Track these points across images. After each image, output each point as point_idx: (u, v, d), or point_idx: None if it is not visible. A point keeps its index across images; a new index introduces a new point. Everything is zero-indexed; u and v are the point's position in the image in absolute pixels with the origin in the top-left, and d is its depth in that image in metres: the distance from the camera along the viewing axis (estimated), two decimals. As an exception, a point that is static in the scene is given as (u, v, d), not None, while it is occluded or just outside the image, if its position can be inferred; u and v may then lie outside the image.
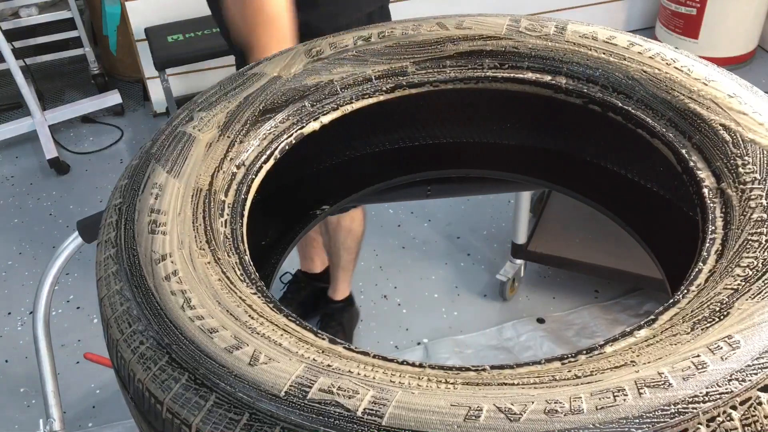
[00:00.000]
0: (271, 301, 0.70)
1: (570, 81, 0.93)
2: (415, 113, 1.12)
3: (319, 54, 0.98)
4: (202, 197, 0.79)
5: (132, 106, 3.42)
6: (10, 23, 3.23)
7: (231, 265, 0.73)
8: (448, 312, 2.37)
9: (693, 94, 0.86)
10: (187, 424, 0.60)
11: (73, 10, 3.26)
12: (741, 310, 0.63)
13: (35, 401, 2.16)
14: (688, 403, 0.56)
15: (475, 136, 1.17)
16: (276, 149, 0.90)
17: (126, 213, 0.78)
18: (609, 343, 0.63)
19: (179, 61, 2.81)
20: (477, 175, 1.27)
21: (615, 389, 0.57)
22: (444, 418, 0.56)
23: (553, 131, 1.11)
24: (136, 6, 2.99)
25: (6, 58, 2.92)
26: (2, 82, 3.46)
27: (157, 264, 0.71)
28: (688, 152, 0.83)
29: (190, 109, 0.91)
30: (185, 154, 0.84)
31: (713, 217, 0.76)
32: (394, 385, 0.59)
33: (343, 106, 0.96)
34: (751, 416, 0.57)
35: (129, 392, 0.67)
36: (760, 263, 0.68)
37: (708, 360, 0.59)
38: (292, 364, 0.61)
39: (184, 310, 0.67)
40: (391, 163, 1.18)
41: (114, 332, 0.69)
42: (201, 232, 0.75)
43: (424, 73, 0.98)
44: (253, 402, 0.59)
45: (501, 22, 0.99)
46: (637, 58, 0.91)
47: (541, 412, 0.56)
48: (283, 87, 0.93)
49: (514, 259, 2.35)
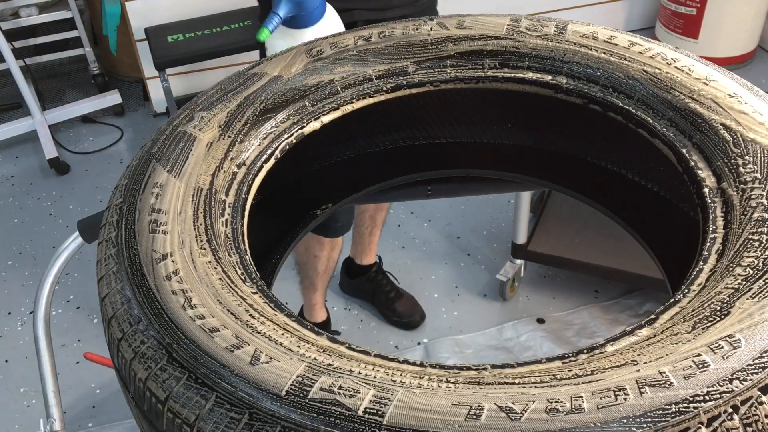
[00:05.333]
0: (272, 300, 0.70)
1: (570, 81, 0.93)
2: (415, 113, 1.12)
3: (320, 54, 0.98)
4: (203, 197, 0.79)
5: (132, 106, 3.42)
6: (10, 23, 3.22)
7: (232, 265, 0.73)
8: (448, 312, 2.37)
9: (693, 94, 0.86)
10: (188, 423, 0.60)
11: (73, 10, 3.26)
12: (742, 309, 0.63)
13: (35, 401, 2.16)
14: (689, 402, 0.56)
15: (475, 136, 1.17)
16: (277, 149, 0.90)
17: (127, 212, 0.78)
18: (610, 342, 0.64)
19: (179, 61, 2.81)
20: (477, 175, 1.27)
21: (616, 388, 0.57)
22: (445, 418, 0.56)
23: (553, 131, 1.11)
24: (136, 6, 2.99)
25: (6, 58, 2.92)
26: (2, 82, 3.46)
27: (157, 263, 0.71)
28: (689, 152, 0.83)
29: (190, 108, 0.91)
30: (186, 153, 0.84)
31: (714, 217, 0.76)
32: (395, 384, 0.59)
33: (344, 106, 0.96)
34: (752, 415, 0.57)
35: (130, 392, 0.67)
36: (760, 263, 0.68)
37: (709, 359, 0.59)
38: (293, 364, 0.61)
39: (184, 310, 0.67)
40: (391, 163, 1.18)
41: (115, 332, 0.69)
42: (202, 232, 0.75)
43: (424, 73, 0.98)
44: (254, 401, 0.59)
45: (501, 22, 0.99)
46: (638, 58, 0.91)
47: (543, 411, 0.56)
48: (284, 87, 0.93)
49: (514, 259, 2.36)
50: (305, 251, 2.03)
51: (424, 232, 2.66)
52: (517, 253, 2.33)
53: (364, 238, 2.25)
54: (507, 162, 1.18)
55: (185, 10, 2.96)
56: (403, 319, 2.34)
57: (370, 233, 2.23)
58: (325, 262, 2.05)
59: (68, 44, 3.47)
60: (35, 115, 3.08)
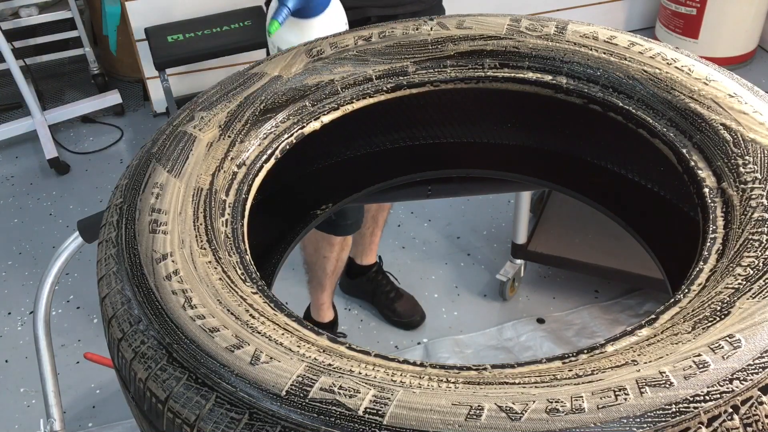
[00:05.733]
0: (272, 300, 0.70)
1: (570, 81, 0.93)
2: (415, 113, 1.12)
3: (320, 54, 0.98)
4: (203, 197, 0.79)
5: (132, 106, 3.42)
6: (10, 23, 3.22)
7: (232, 265, 0.73)
8: (448, 312, 2.38)
9: (694, 94, 0.86)
10: (188, 423, 0.60)
11: (73, 10, 3.26)
12: (742, 309, 0.63)
13: (35, 401, 2.16)
14: (690, 402, 0.56)
15: (475, 136, 1.17)
16: (277, 149, 0.90)
17: (127, 212, 0.78)
18: (610, 342, 0.63)
19: (179, 61, 2.80)
20: (477, 175, 1.27)
21: (616, 388, 0.57)
22: (445, 418, 0.56)
23: (553, 131, 1.11)
24: (136, 6, 2.99)
25: (6, 58, 2.92)
26: (2, 82, 3.46)
27: (158, 263, 0.71)
28: (689, 152, 0.83)
29: (190, 108, 0.91)
30: (186, 153, 0.84)
31: (714, 217, 0.76)
32: (395, 384, 0.59)
33: (344, 106, 0.96)
34: (752, 415, 0.57)
35: (130, 392, 0.67)
36: (761, 262, 0.68)
37: (709, 359, 0.59)
38: (293, 364, 0.61)
39: (185, 310, 0.67)
40: (391, 163, 1.18)
41: (115, 332, 0.69)
42: (202, 232, 0.75)
43: (424, 73, 0.98)
44: (254, 401, 0.59)
45: (501, 21, 0.99)
46: (638, 58, 0.91)
47: (543, 411, 0.56)
48: (284, 86, 0.93)
49: (514, 259, 2.36)
50: (314, 252, 2.03)
51: (424, 232, 2.66)
52: (517, 253, 2.33)
53: (365, 238, 2.25)
54: (507, 162, 1.18)
55: (185, 10, 2.95)
56: (403, 319, 2.34)
57: (371, 233, 2.23)
58: (334, 262, 2.05)
59: (68, 44, 3.47)
60: (35, 115, 3.08)
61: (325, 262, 2.04)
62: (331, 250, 2.01)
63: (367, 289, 2.38)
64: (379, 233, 2.25)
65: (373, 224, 2.20)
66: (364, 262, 2.34)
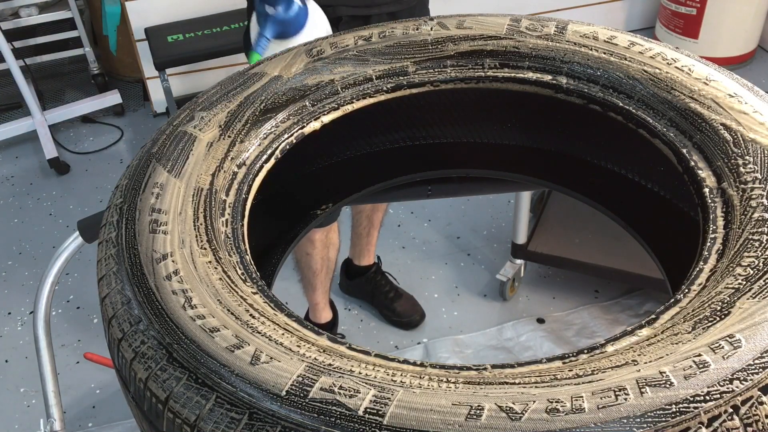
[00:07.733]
0: (272, 300, 0.70)
1: (571, 81, 0.93)
2: (415, 113, 1.12)
3: (320, 54, 0.98)
4: (203, 197, 0.79)
5: (132, 106, 3.41)
6: (10, 23, 3.22)
7: (232, 265, 0.73)
8: (448, 312, 2.37)
9: (694, 94, 0.86)
10: (188, 423, 0.60)
11: (73, 10, 3.26)
12: (742, 309, 0.63)
13: (35, 401, 2.16)
14: (690, 402, 0.56)
15: (475, 136, 1.17)
16: (277, 149, 0.90)
17: (127, 212, 0.78)
18: (610, 342, 0.64)
19: (179, 61, 2.80)
20: (477, 175, 1.27)
21: (616, 388, 0.57)
22: (445, 417, 0.56)
23: (553, 131, 1.11)
24: (136, 6, 2.99)
25: (6, 58, 2.92)
26: (2, 82, 3.46)
27: (158, 263, 0.71)
28: (689, 152, 0.83)
29: (190, 108, 0.91)
30: (186, 153, 0.84)
31: (714, 217, 0.76)
32: (395, 384, 0.59)
33: (344, 106, 0.96)
34: (752, 415, 0.57)
35: (130, 392, 0.67)
36: (761, 262, 0.68)
37: (709, 359, 0.59)
38: (293, 364, 0.61)
39: (185, 310, 0.67)
40: (391, 163, 1.18)
41: (115, 332, 0.69)
42: (202, 232, 0.75)
43: (424, 73, 0.98)
44: (254, 401, 0.59)
45: (502, 21, 0.99)
46: (638, 58, 0.91)
47: (543, 411, 0.56)
48: (284, 86, 0.93)
49: (514, 259, 2.36)
50: (298, 249, 2.01)
51: (424, 232, 2.66)
52: (517, 253, 2.33)
53: (362, 239, 2.25)
54: (507, 162, 1.18)
55: (185, 10, 2.96)
56: (402, 319, 2.34)
57: (367, 234, 2.23)
58: (319, 260, 2.03)
59: (68, 44, 3.47)
60: (35, 115, 3.08)
61: (309, 259, 2.02)
62: (313, 247, 1.99)
63: (366, 290, 2.38)
64: (375, 233, 2.25)
65: (369, 224, 2.19)
66: (363, 263, 2.34)
